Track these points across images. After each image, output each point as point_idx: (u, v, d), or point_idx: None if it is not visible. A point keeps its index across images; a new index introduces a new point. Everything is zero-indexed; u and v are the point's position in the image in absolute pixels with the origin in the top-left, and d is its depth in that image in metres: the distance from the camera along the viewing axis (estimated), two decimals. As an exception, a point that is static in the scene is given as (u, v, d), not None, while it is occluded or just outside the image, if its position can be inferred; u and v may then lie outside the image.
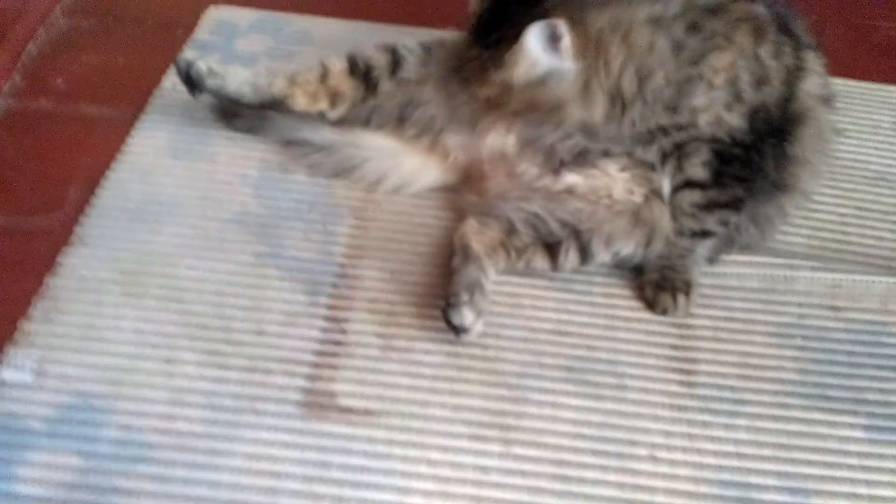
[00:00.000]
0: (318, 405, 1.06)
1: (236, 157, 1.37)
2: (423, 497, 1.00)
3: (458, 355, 1.13)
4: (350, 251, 1.25)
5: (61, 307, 1.14)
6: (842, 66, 1.62)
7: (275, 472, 1.00)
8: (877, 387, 1.14)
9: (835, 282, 1.25)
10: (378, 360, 1.12)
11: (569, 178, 1.22)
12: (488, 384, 1.10)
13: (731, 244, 1.24)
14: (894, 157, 1.47)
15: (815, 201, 1.34)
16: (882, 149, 1.49)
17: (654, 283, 1.21)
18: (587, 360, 1.14)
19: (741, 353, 1.17)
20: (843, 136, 1.44)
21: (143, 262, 1.20)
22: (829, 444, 1.08)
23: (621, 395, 1.11)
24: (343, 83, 1.31)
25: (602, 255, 1.21)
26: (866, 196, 1.40)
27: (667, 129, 1.13)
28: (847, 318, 1.22)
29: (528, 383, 1.11)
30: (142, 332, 1.12)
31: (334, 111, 1.32)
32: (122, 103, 1.46)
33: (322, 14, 1.70)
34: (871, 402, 1.12)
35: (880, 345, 1.19)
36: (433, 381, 1.10)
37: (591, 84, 1.07)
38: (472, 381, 1.10)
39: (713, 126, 1.11)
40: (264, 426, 1.04)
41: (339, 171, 1.34)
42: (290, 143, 1.37)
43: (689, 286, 1.21)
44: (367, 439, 1.04)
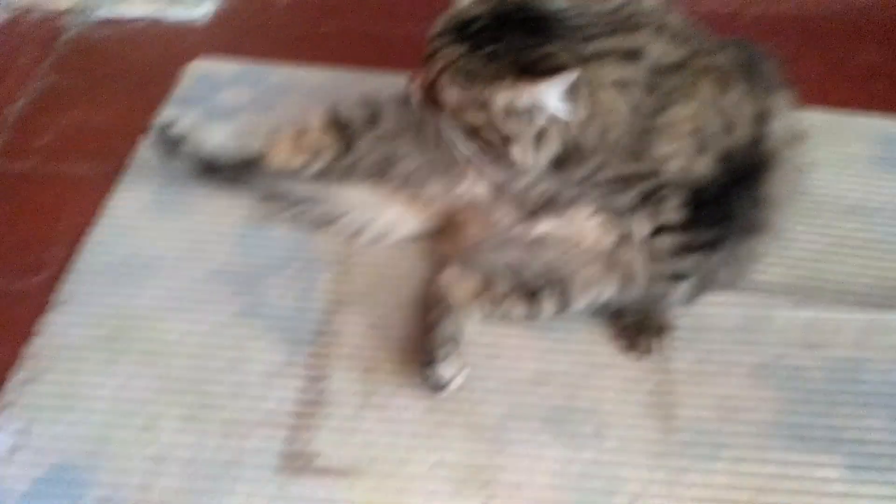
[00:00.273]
0: (295, 468, 1.07)
1: (217, 212, 1.38)
2: (404, 558, 1.00)
3: (437, 409, 1.13)
4: (330, 305, 1.26)
5: (41, 373, 1.15)
6: (817, 95, 1.64)
7: (253, 538, 1.00)
8: (854, 425, 1.14)
9: (811, 319, 1.26)
10: (356, 417, 1.12)
11: (542, 226, 1.23)
12: (467, 438, 1.11)
13: (706, 286, 1.25)
14: (868, 189, 1.48)
15: (791, 237, 1.34)
16: (857, 181, 1.49)
17: (632, 328, 1.22)
18: (566, 408, 1.15)
19: (719, 395, 1.17)
20: (818, 167, 1.45)
21: (124, 323, 1.21)
22: (808, 486, 1.08)
23: (600, 443, 1.11)
24: (322, 139, 1.32)
25: (580, 302, 1.21)
26: (841, 230, 1.40)
27: (632, 178, 1.13)
28: (823, 355, 1.22)
29: (508, 435, 1.12)
30: (120, 397, 1.13)
31: (314, 166, 1.33)
32: (105, 160, 1.48)
33: (303, 61, 1.72)
34: (848, 441, 1.12)
35: (857, 382, 1.19)
36: (412, 437, 1.11)
37: (545, 134, 1.07)
38: (451, 436, 1.11)
39: (682, 173, 1.12)
40: (241, 492, 1.04)
41: (320, 224, 1.36)
42: (271, 197, 1.38)
43: (666, 329, 1.22)
44: (346, 502, 1.04)
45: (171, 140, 1.30)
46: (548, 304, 1.21)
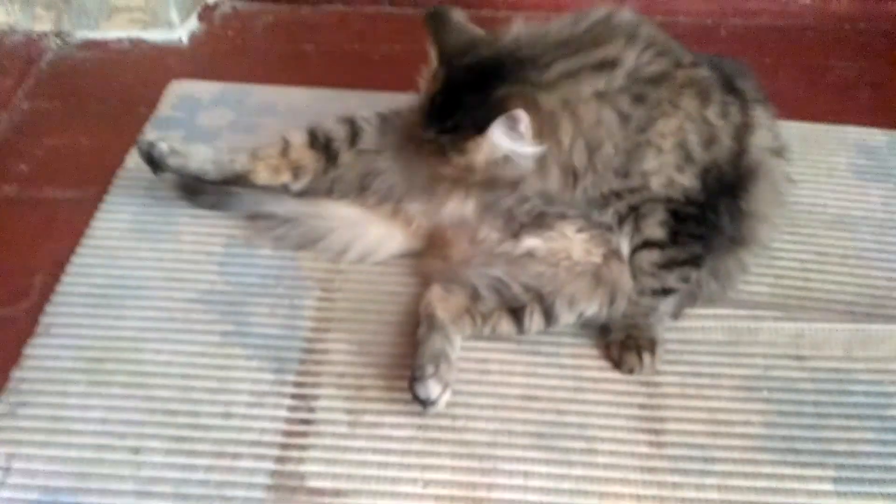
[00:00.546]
0: (286, 488, 1.06)
1: (201, 234, 1.38)
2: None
3: (428, 427, 1.13)
4: (317, 324, 1.25)
5: (27, 400, 1.14)
6: (797, 108, 1.66)
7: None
8: (844, 437, 1.14)
9: (798, 331, 1.26)
10: (347, 436, 1.12)
11: (528, 242, 1.24)
12: (458, 456, 1.11)
13: (694, 299, 1.26)
14: (851, 200, 1.49)
15: (775, 249, 1.35)
16: (839, 191, 1.51)
17: (620, 343, 1.22)
18: (556, 424, 1.15)
19: (709, 408, 1.18)
20: (801, 180, 1.47)
21: (109, 348, 1.20)
22: (799, 500, 1.08)
23: (591, 459, 1.11)
24: (304, 156, 1.32)
25: (566, 317, 1.21)
26: (825, 241, 1.41)
27: (620, 193, 1.14)
28: (812, 367, 1.23)
29: (499, 452, 1.11)
30: (108, 421, 1.12)
31: (297, 183, 1.33)
32: (87, 185, 1.47)
33: (283, 82, 1.72)
34: (838, 454, 1.13)
35: (846, 393, 1.20)
36: (403, 455, 1.10)
37: (546, 160, 1.09)
38: (442, 454, 1.11)
39: (666, 187, 1.13)
40: (233, 515, 1.03)
41: (305, 243, 1.35)
42: (255, 217, 1.38)
43: (654, 344, 1.22)
44: (337, 523, 1.04)
45: (158, 154, 1.29)
46: (534, 320, 1.21)
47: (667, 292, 1.21)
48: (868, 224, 1.45)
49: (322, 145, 1.32)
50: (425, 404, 1.10)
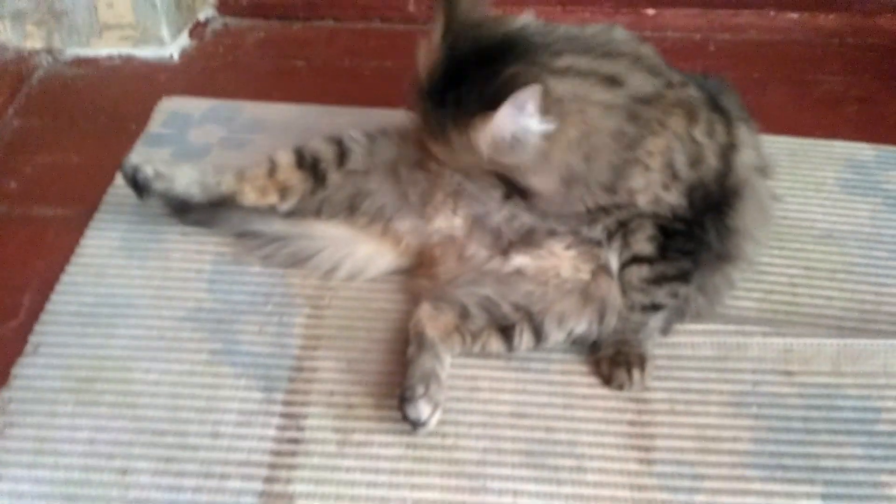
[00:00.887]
0: (275, 510, 1.06)
1: (190, 252, 1.37)
2: None
3: (417, 446, 1.13)
4: (306, 342, 1.25)
5: (14, 420, 1.13)
6: (785, 122, 1.67)
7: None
8: (832, 453, 1.14)
9: (787, 346, 1.27)
10: (336, 456, 1.12)
11: (517, 260, 1.24)
12: (448, 475, 1.10)
13: (682, 315, 1.26)
14: (839, 214, 1.49)
15: (764, 264, 1.35)
16: (827, 206, 1.51)
17: (609, 359, 1.22)
18: (546, 442, 1.15)
19: (698, 424, 1.17)
20: (788, 194, 1.48)
21: (98, 367, 1.20)
22: (789, 516, 1.08)
23: (581, 477, 1.11)
24: (292, 177, 1.32)
25: (556, 335, 1.21)
26: (814, 255, 1.41)
27: (608, 209, 1.14)
28: (800, 382, 1.23)
29: (488, 471, 1.11)
30: (96, 442, 1.11)
31: (285, 204, 1.33)
32: (76, 203, 1.47)
33: (274, 98, 1.72)
34: (827, 470, 1.12)
35: (834, 408, 1.20)
36: (392, 475, 1.10)
37: (548, 153, 1.06)
38: (432, 473, 1.10)
39: (652, 204, 1.13)
40: (221, 537, 1.03)
41: (294, 261, 1.35)
42: (244, 236, 1.38)
43: (643, 360, 1.22)
44: (326, 544, 1.04)
45: (143, 178, 1.28)
46: (524, 339, 1.21)
47: (656, 308, 1.21)
48: (856, 239, 1.45)
49: (309, 166, 1.33)
50: (416, 425, 1.10)
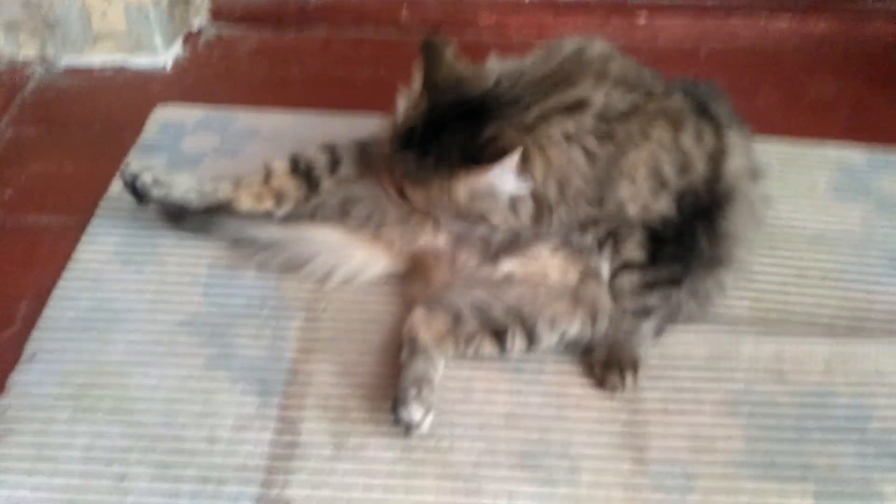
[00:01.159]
0: (272, 514, 1.07)
1: (185, 258, 1.38)
2: None
3: (413, 449, 1.13)
4: (302, 347, 1.26)
5: (12, 428, 1.14)
6: (776, 127, 1.69)
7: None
8: (825, 452, 1.15)
9: (779, 348, 1.27)
10: (332, 459, 1.12)
11: (506, 266, 1.26)
12: (443, 477, 1.11)
13: (674, 319, 1.27)
14: (831, 217, 1.51)
15: (756, 267, 1.36)
16: (818, 209, 1.52)
17: (603, 362, 1.23)
18: (540, 443, 1.15)
19: (691, 425, 1.18)
20: (780, 198, 1.49)
21: (95, 374, 1.21)
22: (780, 516, 1.09)
23: (575, 478, 1.12)
24: (286, 183, 1.33)
25: (548, 338, 1.22)
26: (805, 258, 1.42)
27: (597, 219, 1.16)
28: (793, 383, 1.24)
29: (483, 473, 1.12)
30: (94, 448, 1.12)
31: (280, 210, 1.34)
32: (71, 211, 1.47)
33: (268, 106, 1.73)
34: (819, 469, 1.13)
35: (826, 408, 1.21)
36: (388, 478, 1.10)
37: (515, 199, 1.13)
38: (427, 476, 1.11)
39: (642, 213, 1.15)
40: (218, 541, 1.04)
41: (289, 267, 1.36)
42: (239, 242, 1.38)
43: (636, 363, 1.23)
44: (323, 549, 1.04)
45: (142, 185, 1.30)
46: (516, 342, 1.22)
47: (648, 313, 1.23)
48: (847, 242, 1.46)
49: (303, 173, 1.34)
50: (408, 428, 1.11)
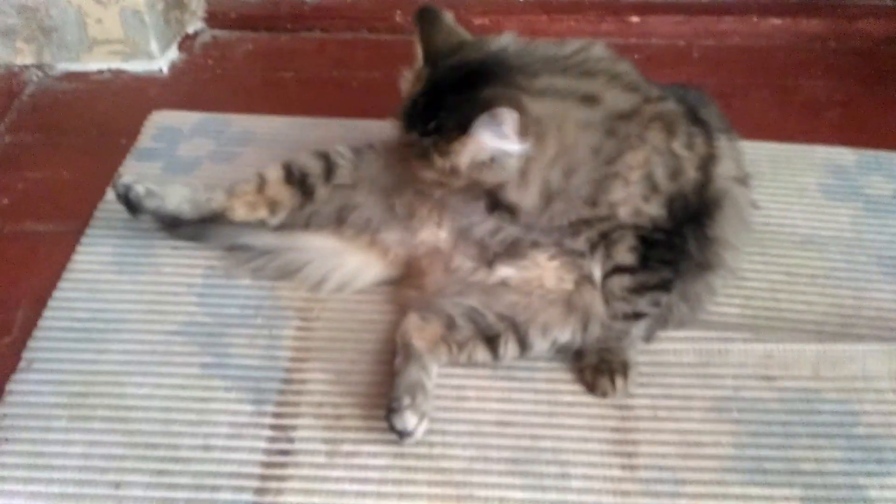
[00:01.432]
0: (265, 522, 1.08)
1: (181, 266, 1.39)
2: None
3: (405, 455, 1.15)
4: (296, 354, 1.27)
5: (9, 436, 1.15)
6: (767, 128, 1.70)
7: None
8: (812, 456, 1.17)
9: (767, 351, 1.29)
10: (325, 467, 1.14)
11: (502, 271, 1.26)
12: (435, 484, 1.12)
13: (664, 323, 1.28)
14: (820, 219, 1.52)
15: (745, 270, 1.37)
16: (808, 211, 1.53)
17: (593, 367, 1.24)
18: (531, 450, 1.17)
19: (680, 430, 1.20)
20: (770, 200, 1.50)
21: (91, 382, 1.22)
22: (767, 520, 1.11)
23: (565, 483, 1.13)
24: (280, 192, 1.34)
25: (540, 345, 1.24)
26: (795, 261, 1.44)
27: (590, 221, 1.17)
28: (781, 386, 1.25)
29: (474, 479, 1.13)
30: (89, 456, 1.13)
31: (274, 218, 1.35)
32: (68, 218, 1.49)
33: (263, 110, 1.74)
34: (806, 473, 1.15)
35: (814, 412, 1.22)
36: (380, 484, 1.12)
37: (528, 170, 1.09)
38: (419, 482, 1.13)
39: (633, 216, 1.15)
40: (212, 549, 1.05)
41: (283, 274, 1.37)
42: (234, 249, 1.40)
43: (626, 367, 1.24)
44: (316, 556, 1.06)
45: (135, 196, 1.31)
46: (509, 348, 1.24)
47: (638, 316, 1.24)
48: (837, 244, 1.48)
49: (297, 181, 1.35)
50: (402, 435, 1.12)
